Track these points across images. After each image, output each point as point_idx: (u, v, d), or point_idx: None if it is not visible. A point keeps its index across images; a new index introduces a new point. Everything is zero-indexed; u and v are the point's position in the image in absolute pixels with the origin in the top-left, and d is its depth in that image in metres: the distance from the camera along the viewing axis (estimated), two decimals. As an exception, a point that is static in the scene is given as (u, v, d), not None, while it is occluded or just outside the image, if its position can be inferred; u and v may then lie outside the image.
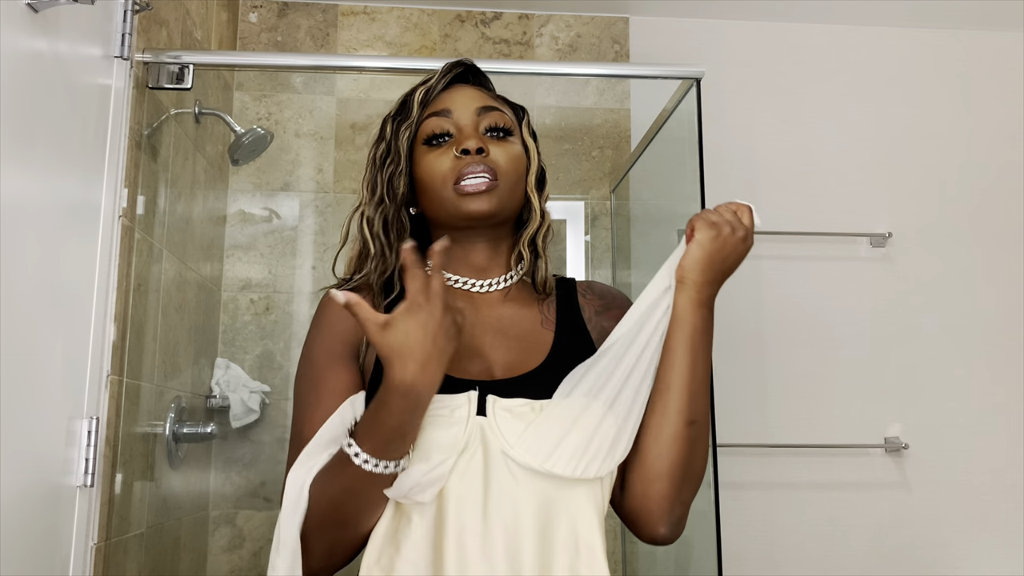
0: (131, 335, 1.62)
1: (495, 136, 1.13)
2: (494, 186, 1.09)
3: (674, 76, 1.97)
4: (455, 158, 1.10)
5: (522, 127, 1.19)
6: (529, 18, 2.68)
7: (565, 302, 1.17)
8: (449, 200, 1.10)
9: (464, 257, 1.15)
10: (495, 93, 1.22)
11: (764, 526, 2.52)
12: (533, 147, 1.18)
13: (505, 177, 1.10)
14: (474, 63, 1.22)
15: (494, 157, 1.10)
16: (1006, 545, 2.56)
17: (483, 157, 1.09)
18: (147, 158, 1.71)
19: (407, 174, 1.14)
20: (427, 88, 1.16)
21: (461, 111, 1.14)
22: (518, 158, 1.13)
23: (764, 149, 2.68)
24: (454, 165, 1.09)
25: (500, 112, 1.15)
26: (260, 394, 2.33)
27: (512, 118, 1.17)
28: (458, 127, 1.13)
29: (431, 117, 1.14)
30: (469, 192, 1.08)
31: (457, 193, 1.09)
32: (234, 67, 2.49)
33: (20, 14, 1.17)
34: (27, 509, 1.23)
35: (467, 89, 1.17)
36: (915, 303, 2.64)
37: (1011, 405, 2.61)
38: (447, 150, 1.11)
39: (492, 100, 1.17)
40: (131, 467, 1.66)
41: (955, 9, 2.67)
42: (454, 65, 1.19)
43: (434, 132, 1.13)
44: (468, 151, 1.09)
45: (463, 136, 1.11)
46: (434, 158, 1.11)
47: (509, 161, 1.11)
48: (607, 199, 2.60)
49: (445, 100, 1.15)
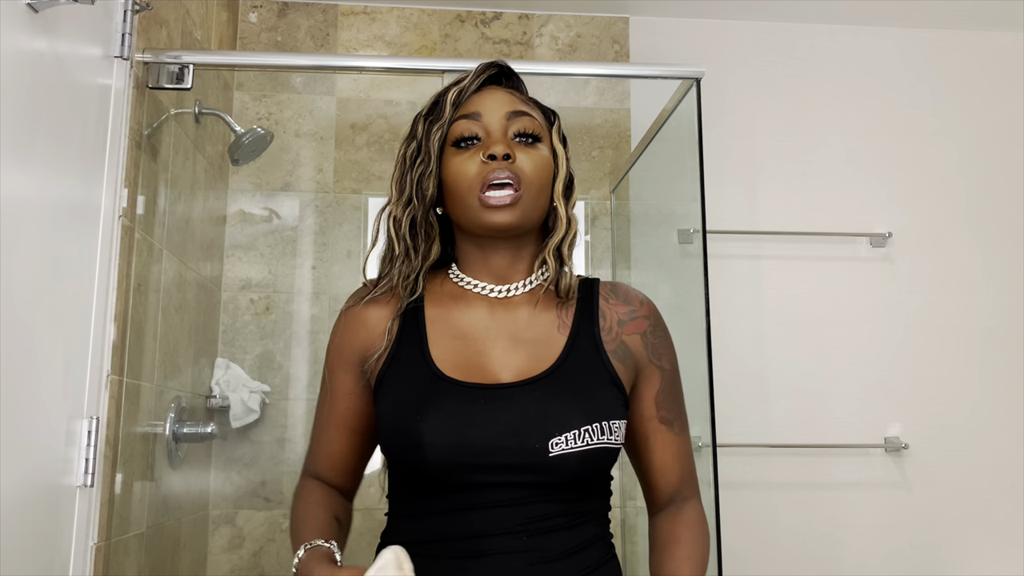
0: (131, 335, 1.62)
1: (523, 142, 1.13)
2: (518, 198, 1.08)
3: (674, 76, 1.97)
4: (482, 163, 1.09)
5: (552, 132, 1.18)
6: (529, 18, 2.68)
7: (585, 306, 1.15)
8: (473, 208, 1.10)
9: (485, 262, 1.15)
10: (527, 96, 1.20)
11: (764, 526, 2.52)
12: (562, 153, 1.17)
13: (530, 186, 1.10)
14: (508, 65, 1.20)
15: (520, 164, 1.10)
16: (1006, 545, 2.56)
17: (509, 163, 1.09)
18: (147, 158, 1.71)
19: (436, 175, 1.14)
20: (460, 89, 1.15)
21: (491, 115, 1.13)
22: (544, 165, 1.13)
23: (764, 149, 2.68)
24: (480, 170, 1.09)
25: (530, 117, 1.14)
26: (260, 394, 2.34)
27: (542, 123, 1.16)
28: (487, 131, 1.12)
29: (461, 119, 1.14)
30: (493, 205, 1.08)
31: (481, 204, 1.09)
32: (234, 67, 2.49)
33: (20, 14, 1.17)
34: (27, 509, 1.23)
35: (498, 92, 1.16)
36: (915, 303, 2.64)
37: (1011, 405, 2.61)
38: (474, 154, 1.11)
39: (523, 104, 1.16)
40: (131, 467, 1.66)
41: (955, 9, 2.67)
42: (488, 66, 1.18)
43: (463, 135, 1.13)
44: (495, 156, 1.09)
45: (491, 140, 1.11)
46: (461, 161, 1.11)
47: (535, 168, 1.11)
48: (607, 199, 2.60)
49: (476, 102, 1.14)
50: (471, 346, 1.10)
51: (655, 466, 1.15)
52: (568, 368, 1.08)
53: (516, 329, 1.12)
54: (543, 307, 1.14)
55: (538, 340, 1.11)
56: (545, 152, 1.14)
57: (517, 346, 1.10)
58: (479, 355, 1.09)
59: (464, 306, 1.14)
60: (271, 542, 2.37)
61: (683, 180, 1.98)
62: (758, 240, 2.61)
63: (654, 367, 1.14)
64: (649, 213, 2.48)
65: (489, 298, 1.14)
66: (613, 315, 1.15)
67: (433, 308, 1.14)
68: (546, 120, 1.18)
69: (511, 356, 1.09)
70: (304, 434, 2.37)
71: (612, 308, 1.16)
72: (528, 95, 1.21)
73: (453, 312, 1.13)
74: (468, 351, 1.10)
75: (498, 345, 1.10)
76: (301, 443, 2.37)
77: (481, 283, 1.15)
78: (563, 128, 1.20)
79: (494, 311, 1.13)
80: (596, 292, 1.17)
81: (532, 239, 1.16)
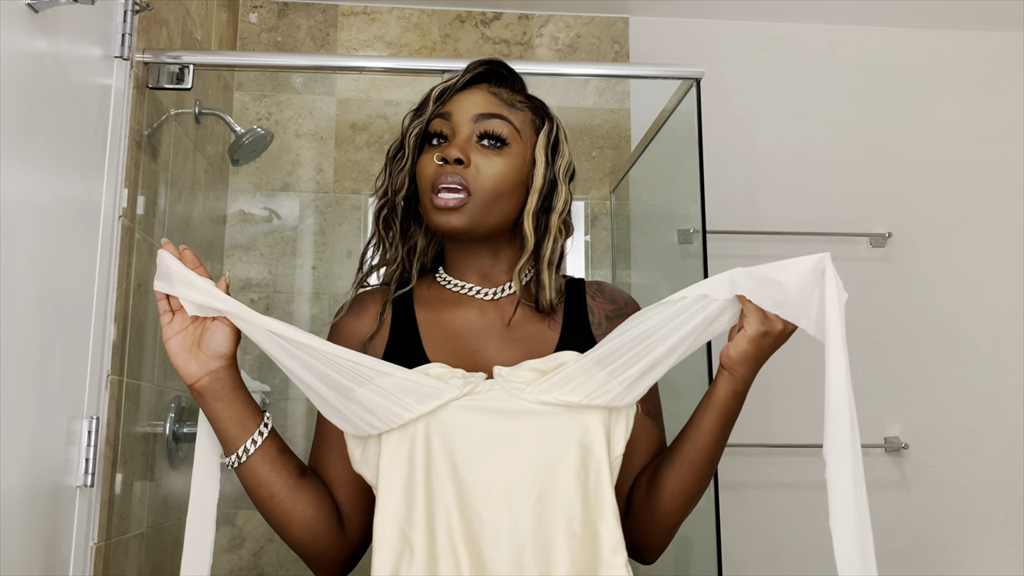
0: (131, 335, 1.62)
1: (490, 145, 1.11)
2: (463, 202, 1.08)
3: (674, 76, 1.97)
4: (436, 165, 1.09)
5: (539, 139, 1.15)
6: (529, 18, 2.68)
7: (572, 304, 1.16)
8: (427, 208, 1.11)
9: (467, 263, 1.16)
10: (520, 96, 1.17)
11: (764, 526, 2.52)
12: (542, 161, 1.13)
13: (482, 191, 1.09)
14: (502, 62, 1.18)
15: (474, 170, 1.09)
16: (1006, 545, 2.56)
17: (462, 168, 1.08)
18: (147, 158, 1.71)
19: (410, 171, 1.14)
20: (445, 86, 1.15)
21: (461, 115, 1.12)
22: (503, 173, 1.10)
23: (764, 149, 2.68)
24: (434, 172, 1.09)
25: (501, 120, 1.12)
26: (260, 394, 2.33)
27: (518, 128, 1.13)
28: (453, 131, 1.12)
29: (436, 118, 1.14)
30: (439, 206, 1.08)
31: (432, 204, 1.09)
32: (234, 67, 2.49)
33: (20, 14, 1.17)
34: (27, 509, 1.23)
35: (478, 93, 1.14)
36: (915, 303, 2.64)
37: (1011, 405, 2.61)
38: (434, 154, 1.11)
39: (499, 106, 1.13)
40: (131, 467, 1.66)
41: (955, 9, 2.67)
42: (477, 64, 1.17)
43: (432, 132, 1.13)
44: (447, 160, 1.08)
45: (452, 143, 1.11)
46: (426, 160, 1.12)
47: (490, 177, 1.09)
48: (607, 199, 2.61)
49: (454, 101, 1.14)
50: (464, 346, 1.11)
51: (637, 455, 1.13)
52: None
53: (506, 328, 1.12)
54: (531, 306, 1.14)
55: (529, 338, 1.12)
56: (510, 159, 1.11)
57: (509, 344, 1.11)
58: (473, 354, 1.10)
59: (454, 308, 1.14)
60: (271, 542, 2.37)
61: (683, 180, 1.98)
62: (758, 240, 2.61)
63: None
64: (649, 213, 2.48)
65: (478, 300, 1.15)
66: (601, 311, 1.16)
67: (424, 312, 1.15)
68: (535, 124, 1.16)
69: (504, 353, 1.10)
70: (304, 434, 2.37)
71: (599, 305, 1.17)
72: (525, 94, 1.20)
73: (444, 314, 1.14)
74: (462, 351, 1.10)
75: (491, 344, 1.11)
76: (301, 443, 2.37)
77: (468, 284, 1.15)
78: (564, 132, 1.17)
79: (484, 311, 1.14)
80: (583, 290, 1.18)
81: (511, 241, 1.16)
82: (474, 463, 0.98)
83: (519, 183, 1.12)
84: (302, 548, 1.10)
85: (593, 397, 0.99)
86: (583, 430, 1.00)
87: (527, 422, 1.00)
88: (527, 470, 0.98)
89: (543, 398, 0.99)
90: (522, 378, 1.01)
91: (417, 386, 0.99)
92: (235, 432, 1.06)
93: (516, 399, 1.00)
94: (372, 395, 0.99)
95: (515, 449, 0.99)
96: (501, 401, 1.00)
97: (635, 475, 1.13)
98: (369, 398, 0.99)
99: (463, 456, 0.98)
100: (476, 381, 1.01)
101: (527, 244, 1.12)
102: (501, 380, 1.01)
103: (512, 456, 0.99)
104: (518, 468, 0.98)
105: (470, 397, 1.00)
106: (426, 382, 0.99)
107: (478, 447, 0.99)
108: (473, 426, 0.99)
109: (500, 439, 0.99)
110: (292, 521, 1.08)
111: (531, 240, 1.12)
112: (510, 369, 1.02)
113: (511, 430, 0.99)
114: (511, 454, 0.99)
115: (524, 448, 0.99)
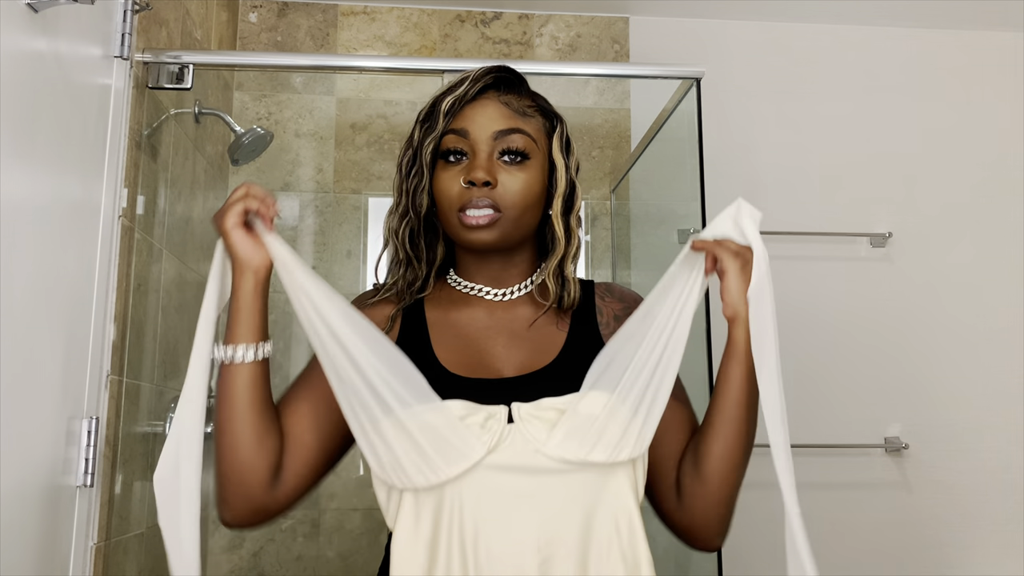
0: (131, 335, 1.62)
1: (511, 160, 1.11)
2: (496, 219, 1.09)
3: (674, 76, 1.97)
4: (462, 187, 1.09)
5: (553, 141, 1.16)
6: (529, 18, 2.68)
7: (581, 304, 1.16)
8: (454, 226, 1.11)
9: (480, 267, 1.16)
10: (528, 101, 1.17)
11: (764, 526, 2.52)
12: (562, 165, 1.15)
13: (512, 208, 1.09)
14: (509, 68, 1.18)
15: (502, 189, 1.09)
16: (1006, 545, 2.56)
17: (489, 190, 1.08)
18: (147, 158, 1.71)
19: (429, 189, 1.14)
20: (455, 98, 1.13)
21: (479, 132, 1.11)
22: (529, 186, 1.11)
23: (764, 149, 2.68)
24: (461, 193, 1.09)
25: (520, 134, 1.12)
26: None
27: (537, 135, 1.14)
28: (473, 150, 1.11)
29: (450, 133, 1.13)
30: (470, 224, 1.08)
31: (460, 222, 1.09)
32: (234, 67, 2.49)
33: (20, 14, 1.17)
34: (27, 509, 1.23)
35: (491, 105, 1.14)
36: (915, 303, 2.64)
37: (1011, 405, 2.61)
38: (459, 173, 1.10)
39: (515, 118, 1.13)
40: (131, 467, 1.66)
41: (955, 9, 2.67)
42: (486, 72, 1.15)
43: (450, 149, 1.13)
44: (474, 183, 1.08)
45: (475, 162, 1.10)
46: (447, 179, 1.11)
47: (519, 192, 1.10)
48: (607, 199, 2.60)
49: (467, 116, 1.13)
50: (473, 345, 1.11)
51: (675, 441, 1.12)
52: (569, 361, 1.09)
53: (516, 328, 1.13)
54: (541, 306, 1.15)
55: (538, 337, 1.12)
56: (533, 171, 1.12)
57: (518, 343, 1.11)
58: (481, 353, 1.10)
59: (463, 307, 1.15)
60: (271, 542, 2.36)
61: (683, 180, 1.98)
62: (758, 240, 2.61)
63: None
64: (649, 213, 2.48)
65: (487, 300, 1.15)
66: (609, 311, 1.17)
67: (433, 311, 1.15)
68: (547, 128, 1.16)
69: (512, 352, 1.10)
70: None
71: (608, 305, 1.18)
72: (531, 96, 1.19)
73: (453, 314, 1.15)
74: (470, 349, 1.11)
75: (499, 343, 1.11)
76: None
77: (479, 286, 1.16)
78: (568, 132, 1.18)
79: (493, 312, 1.15)
80: (592, 290, 1.19)
81: (526, 246, 1.17)
82: (502, 525, 0.98)
83: (542, 191, 1.14)
84: (228, 476, 1.05)
85: (617, 453, 1.00)
86: (614, 491, 1.01)
87: (553, 482, 0.99)
88: (563, 531, 0.98)
89: (566, 457, 0.99)
90: (543, 419, 1.00)
91: (444, 440, 0.98)
92: (253, 326, 1.10)
93: (539, 455, 0.99)
94: (399, 439, 0.98)
95: (545, 510, 0.98)
96: (524, 457, 0.99)
97: (677, 460, 1.13)
98: (396, 442, 0.98)
99: (490, 520, 0.98)
100: (497, 425, 1.00)
101: (558, 246, 1.14)
102: (521, 425, 1.01)
103: (543, 517, 0.98)
104: (551, 528, 0.98)
105: (494, 454, 0.99)
106: (453, 435, 0.98)
107: (504, 511, 0.98)
108: (500, 488, 0.98)
109: (529, 502, 0.99)
110: (237, 446, 1.05)
111: (563, 242, 1.14)
112: (530, 407, 1.02)
113: (539, 492, 0.99)
114: (543, 516, 0.98)
115: (556, 510, 0.99)
